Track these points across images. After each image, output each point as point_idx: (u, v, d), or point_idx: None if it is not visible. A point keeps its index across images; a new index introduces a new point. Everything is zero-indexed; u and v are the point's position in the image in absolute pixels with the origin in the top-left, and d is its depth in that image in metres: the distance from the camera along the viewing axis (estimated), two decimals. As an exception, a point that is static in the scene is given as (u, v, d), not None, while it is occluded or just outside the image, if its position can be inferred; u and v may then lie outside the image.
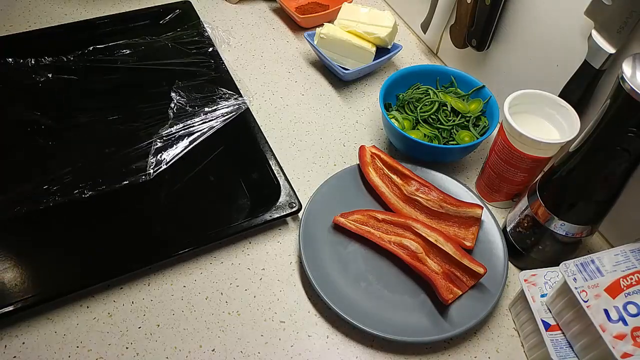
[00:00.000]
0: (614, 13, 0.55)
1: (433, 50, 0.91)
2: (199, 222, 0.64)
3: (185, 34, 0.86)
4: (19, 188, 0.63)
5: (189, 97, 0.75)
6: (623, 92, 0.44)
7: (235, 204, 0.66)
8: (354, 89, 0.84)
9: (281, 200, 0.64)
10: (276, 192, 0.65)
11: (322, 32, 0.81)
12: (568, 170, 0.53)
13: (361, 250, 0.63)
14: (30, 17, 0.89)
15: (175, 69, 0.80)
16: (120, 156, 0.68)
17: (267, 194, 0.65)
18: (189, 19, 0.89)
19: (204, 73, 0.80)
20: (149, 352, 0.54)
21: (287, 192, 0.65)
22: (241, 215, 0.64)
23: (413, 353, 0.56)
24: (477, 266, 0.58)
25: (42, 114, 0.72)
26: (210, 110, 0.73)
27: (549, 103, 0.62)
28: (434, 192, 0.66)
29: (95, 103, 0.75)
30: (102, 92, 0.77)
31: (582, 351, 0.48)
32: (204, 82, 0.78)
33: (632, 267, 0.46)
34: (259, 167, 0.69)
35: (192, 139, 0.69)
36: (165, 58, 0.81)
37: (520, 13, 0.69)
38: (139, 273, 0.59)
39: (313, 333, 0.57)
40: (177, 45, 0.84)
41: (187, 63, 0.81)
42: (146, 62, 0.81)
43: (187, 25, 0.87)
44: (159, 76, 0.79)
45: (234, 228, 0.62)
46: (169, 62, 0.81)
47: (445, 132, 0.71)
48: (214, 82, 0.78)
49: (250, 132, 0.72)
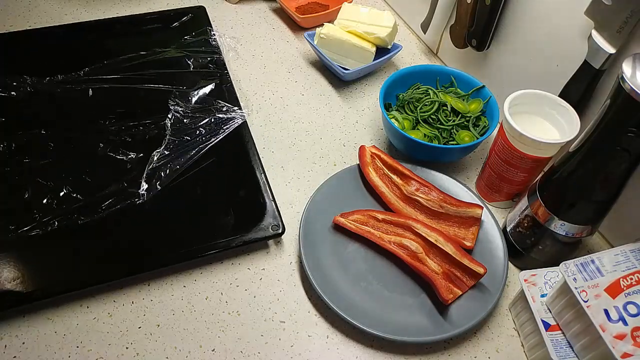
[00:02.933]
0: (614, 13, 0.55)
1: (433, 50, 0.91)
2: (180, 237, 0.62)
3: (194, 41, 0.84)
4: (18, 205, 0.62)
5: (187, 107, 0.73)
6: (623, 92, 0.44)
7: (217, 221, 0.63)
8: (354, 89, 0.84)
9: (264, 222, 0.62)
10: (261, 213, 0.63)
11: (322, 32, 0.81)
12: (568, 170, 0.53)
13: (361, 250, 0.63)
14: (31, 17, 0.89)
15: (177, 75, 0.78)
16: (111, 175, 0.65)
17: (252, 213, 0.63)
18: (199, 24, 0.87)
19: (206, 82, 0.78)
20: (149, 352, 0.54)
21: (272, 214, 0.63)
22: (222, 234, 0.61)
23: (413, 353, 0.56)
24: (477, 266, 0.58)
25: (37, 127, 0.70)
26: (207, 124, 0.71)
27: (549, 103, 0.62)
28: (434, 192, 0.66)
29: (91, 113, 0.73)
30: (97, 102, 0.75)
31: (582, 351, 0.48)
32: (204, 94, 0.76)
33: (632, 267, 0.46)
34: (247, 184, 0.66)
35: (187, 158, 0.67)
36: (169, 66, 0.80)
37: (520, 13, 0.69)
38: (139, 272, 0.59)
39: (313, 333, 0.57)
40: (184, 51, 0.82)
41: (191, 72, 0.79)
42: (149, 70, 0.79)
43: (196, 32, 0.85)
44: (160, 83, 0.77)
45: (210, 247, 0.60)
46: (172, 71, 0.79)
47: (445, 132, 0.71)
48: (215, 92, 0.76)
49: (244, 147, 0.70)
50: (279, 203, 0.67)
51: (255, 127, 0.75)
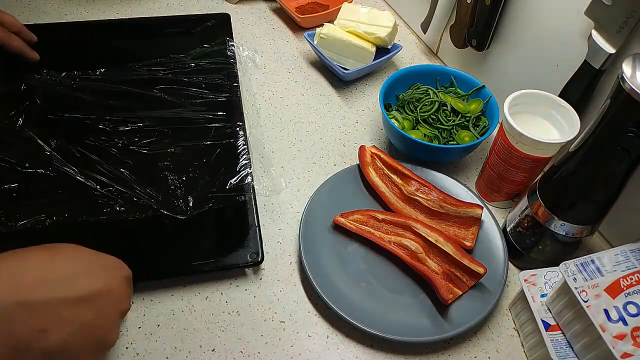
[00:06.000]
0: (614, 13, 0.55)
1: (433, 50, 0.91)
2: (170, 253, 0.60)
3: (211, 51, 0.83)
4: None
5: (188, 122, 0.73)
6: (623, 92, 0.44)
7: (200, 240, 0.61)
8: (354, 89, 0.84)
9: (244, 249, 0.60)
10: (244, 239, 0.61)
11: (322, 32, 0.81)
12: (568, 170, 0.53)
13: (361, 250, 0.63)
14: (31, 17, 0.89)
15: (188, 84, 0.78)
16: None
17: (234, 238, 0.61)
18: (220, 33, 0.86)
19: (214, 93, 0.77)
20: (149, 352, 0.54)
21: (254, 243, 0.60)
22: (201, 254, 0.60)
23: (413, 353, 0.56)
24: (477, 266, 0.58)
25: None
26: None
27: (549, 103, 0.62)
28: (434, 192, 0.66)
29: (90, 118, 0.72)
30: (100, 106, 0.74)
31: (582, 351, 0.48)
32: (206, 109, 0.75)
33: (632, 267, 0.46)
34: (234, 208, 0.64)
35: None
36: (182, 76, 0.79)
37: (520, 13, 0.69)
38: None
39: (313, 333, 0.57)
40: (199, 61, 0.81)
41: (203, 83, 0.78)
42: (163, 80, 0.78)
43: (214, 42, 0.84)
44: (170, 95, 0.76)
45: (191, 267, 0.59)
46: (184, 79, 0.78)
47: (445, 132, 0.71)
48: (222, 105, 0.76)
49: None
50: (279, 203, 0.67)
51: (255, 127, 0.75)
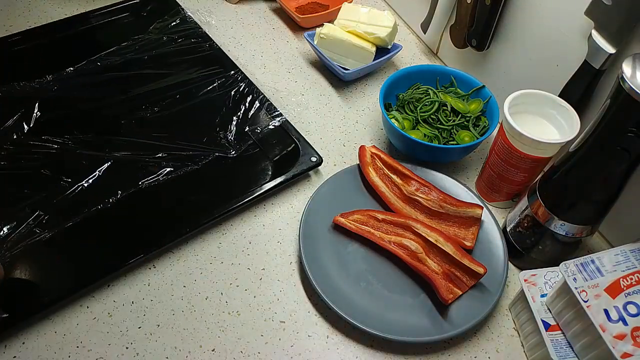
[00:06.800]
0: (614, 13, 0.55)
1: (433, 50, 0.91)
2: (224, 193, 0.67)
3: (171, 21, 0.87)
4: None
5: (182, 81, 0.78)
6: (623, 92, 0.44)
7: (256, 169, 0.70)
8: (354, 89, 0.84)
9: (303, 157, 0.69)
10: (298, 150, 0.70)
11: (322, 32, 0.81)
12: (568, 170, 0.53)
13: (361, 250, 0.63)
14: (31, 16, 0.89)
15: (168, 55, 0.82)
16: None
17: (289, 155, 0.71)
18: (168, 7, 0.89)
19: (196, 54, 0.82)
20: (149, 352, 0.54)
21: (308, 150, 0.70)
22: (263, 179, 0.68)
23: (413, 353, 0.56)
24: (477, 266, 0.58)
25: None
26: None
27: (549, 103, 0.62)
28: (434, 192, 0.66)
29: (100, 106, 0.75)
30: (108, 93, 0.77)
31: (582, 351, 0.48)
32: (191, 64, 0.81)
33: (632, 267, 0.46)
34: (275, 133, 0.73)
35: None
36: (156, 49, 0.83)
37: (520, 13, 0.69)
38: (139, 272, 0.60)
39: (313, 333, 0.57)
40: (163, 36, 0.85)
41: (179, 50, 0.83)
42: (139, 55, 0.82)
43: (168, 15, 0.88)
44: (156, 69, 0.80)
45: (256, 191, 0.65)
46: (161, 51, 0.83)
47: (445, 132, 0.71)
48: (206, 59, 0.82)
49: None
50: (279, 203, 0.67)
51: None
